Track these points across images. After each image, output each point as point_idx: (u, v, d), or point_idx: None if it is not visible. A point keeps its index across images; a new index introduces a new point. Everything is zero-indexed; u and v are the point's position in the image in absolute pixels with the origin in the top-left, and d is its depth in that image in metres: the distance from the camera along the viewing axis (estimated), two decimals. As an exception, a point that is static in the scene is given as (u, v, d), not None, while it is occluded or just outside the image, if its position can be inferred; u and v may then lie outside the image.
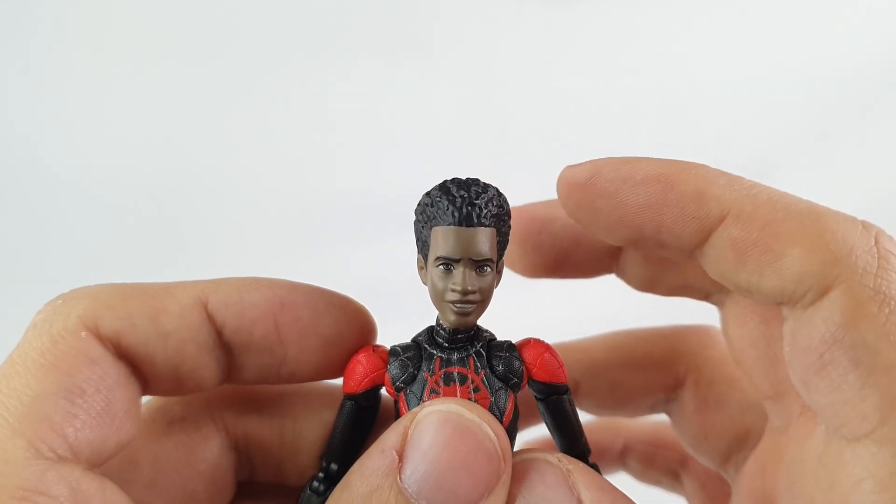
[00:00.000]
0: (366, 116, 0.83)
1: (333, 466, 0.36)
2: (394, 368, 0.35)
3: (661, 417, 0.44)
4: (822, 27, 0.91)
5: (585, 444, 0.36)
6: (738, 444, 0.38)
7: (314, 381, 0.38)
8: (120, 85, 0.85)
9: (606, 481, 0.32)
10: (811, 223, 0.29)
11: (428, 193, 0.34)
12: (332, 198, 0.81)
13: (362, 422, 0.36)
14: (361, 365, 0.35)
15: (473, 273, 0.33)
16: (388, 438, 0.29)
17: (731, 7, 0.91)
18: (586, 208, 0.34)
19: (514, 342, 0.36)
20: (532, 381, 0.35)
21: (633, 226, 0.33)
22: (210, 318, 0.33)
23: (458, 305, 0.33)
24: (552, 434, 0.37)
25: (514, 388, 0.34)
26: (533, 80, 0.87)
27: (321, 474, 0.37)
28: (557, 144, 0.85)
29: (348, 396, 0.36)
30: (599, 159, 0.34)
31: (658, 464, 0.48)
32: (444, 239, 0.33)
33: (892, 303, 0.27)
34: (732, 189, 0.31)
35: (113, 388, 0.30)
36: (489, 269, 0.33)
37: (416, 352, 0.35)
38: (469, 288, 0.32)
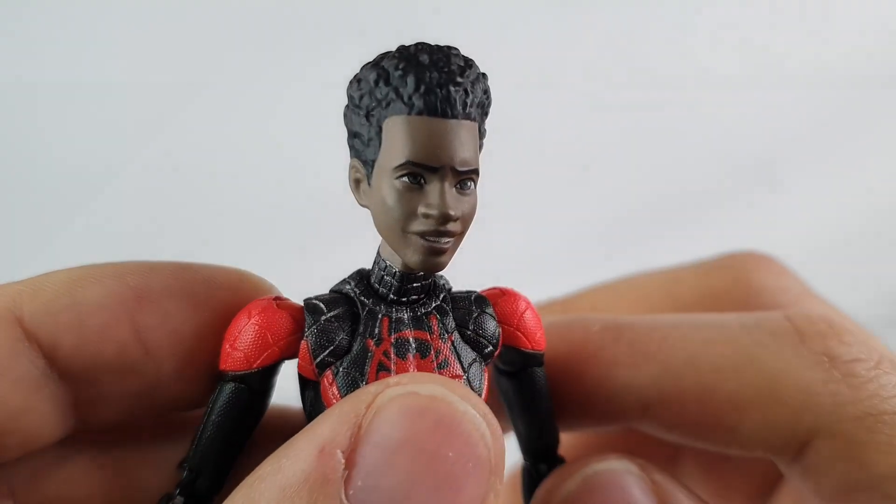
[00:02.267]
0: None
1: (202, 482, 0.23)
2: (318, 334, 0.23)
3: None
4: (827, 26, 0.90)
5: (555, 431, 0.27)
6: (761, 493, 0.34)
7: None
8: (115, 81, 0.85)
9: (701, 498, 0.25)
10: (749, 373, 0.25)
11: (376, 63, 0.23)
12: (330, 196, 0.80)
13: (249, 416, 0.24)
14: (259, 327, 0.22)
15: (454, 190, 0.22)
16: (328, 429, 0.19)
17: (737, 5, 0.90)
18: None
19: (480, 293, 0.25)
20: (507, 349, 0.25)
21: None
22: (31, 336, 0.22)
23: (432, 239, 0.22)
24: (513, 417, 0.27)
25: (487, 358, 0.24)
26: (533, 78, 0.87)
27: (179, 496, 0.24)
28: (558, 143, 0.85)
29: (233, 377, 0.23)
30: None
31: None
32: (411, 135, 0.22)
33: (886, 416, 0.23)
34: (642, 365, 0.26)
35: None
36: (473, 186, 0.23)
37: (348, 308, 0.23)
38: (451, 212, 0.22)
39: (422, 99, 0.21)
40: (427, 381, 0.20)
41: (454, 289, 0.26)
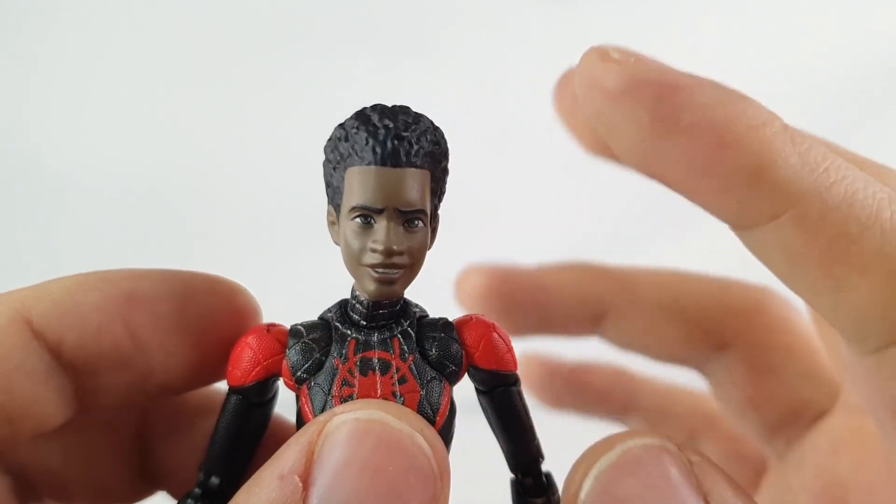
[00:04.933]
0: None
1: (214, 480, 0.28)
2: (294, 353, 0.27)
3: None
4: (825, 25, 0.91)
5: (538, 447, 0.29)
6: (792, 417, 0.34)
7: (193, 391, 0.31)
8: (115, 83, 0.85)
9: (734, 480, 0.25)
10: (893, 247, 0.22)
11: (342, 125, 0.26)
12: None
13: (252, 423, 0.28)
14: (251, 349, 0.27)
15: (400, 228, 0.25)
16: (287, 458, 0.22)
17: (734, 5, 0.91)
18: (604, 127, 0.25)
19: (450, 319, 0.28)
20: (473, 369, 0.28)
21: (659, 176, 0.26)
22: (38, 335, 0.26)
23: (380, 271, 0.25)
24: (495, 433, 0.29)
25: (451, 377, 0.27)
26: (534, 77, 0.87)
27: (198, 490, 0.28)
28: (558, 143, 0.85)
29: (234, 390, 0.28)
30: (640, 62, 0.25)
31: (664, 432, 0.41)
32: (361, 183, 0.25)
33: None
34: (803, 175, 0.23)
35: None
36: (420, 224, 0.26)
37: (325, 332, 0.27)
38: (395, 247, 0.25)
39: (370, 152, 0.25)
40: (367, 407, 0.23)
41: (430, 314, 0.29)
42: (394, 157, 0.25)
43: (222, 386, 0.29)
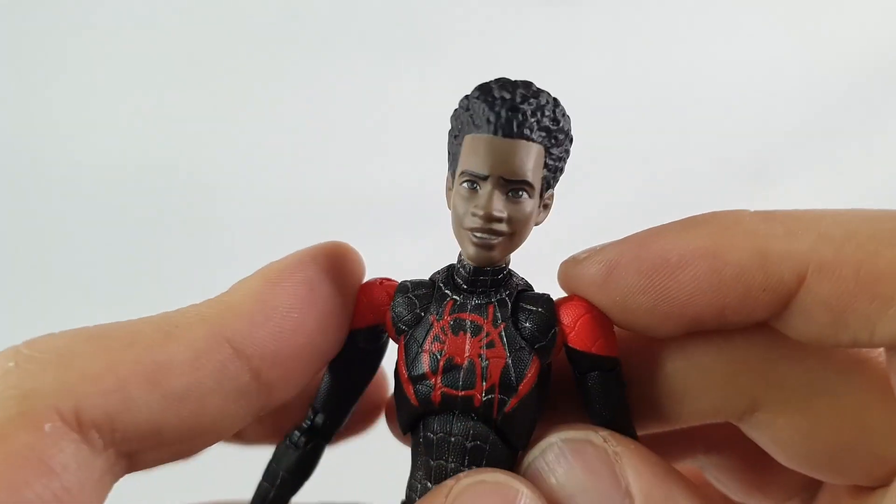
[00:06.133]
0: (366, 115, 0.83)
1: (320, 418, 0.31)
2: (398, 306, 0.28)
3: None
4: (825, 25, 0.91)
5: (632, 437, 0.29)
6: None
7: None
8: (118, 83, 0.85)
9: (663, 465, 0.26)
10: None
11: (467, 96, 0.28)
12: (332, 197, 0.81)
13: (358, 368, 0.31)
14: (364, 297, 0.29)
15: (503, 196, 0.26)
16: None
17: (733, 5, 0.91)
18: (617, 310, 0.27)
19: (552, 297, 0.29)
20: (568, 349, 0.28)
21: (687, 317, 0.26)
22: (240, 354, 0.25)
23: (479, 235, 0.26)
24: (588, 415, 0.29)
25: (542, 353, 0.28)
26: (533, 79, 0.87)
27: (305, 424, 0.31)
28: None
29: (348, 333, 0.30)
30: (607, 248, 0.27)
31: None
32: (472, 149, 0.26)
33: None
34: (800, 236, 0.25)
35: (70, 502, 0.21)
36: (525, 196, 0.26)
37: (429, 290, 0.29)
38: (494, 213, 0.26)
39: (485, 121, 0.26)
40: (490, 472, 0.25)
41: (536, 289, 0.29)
42: (507, 127, 0.26)
43: None
